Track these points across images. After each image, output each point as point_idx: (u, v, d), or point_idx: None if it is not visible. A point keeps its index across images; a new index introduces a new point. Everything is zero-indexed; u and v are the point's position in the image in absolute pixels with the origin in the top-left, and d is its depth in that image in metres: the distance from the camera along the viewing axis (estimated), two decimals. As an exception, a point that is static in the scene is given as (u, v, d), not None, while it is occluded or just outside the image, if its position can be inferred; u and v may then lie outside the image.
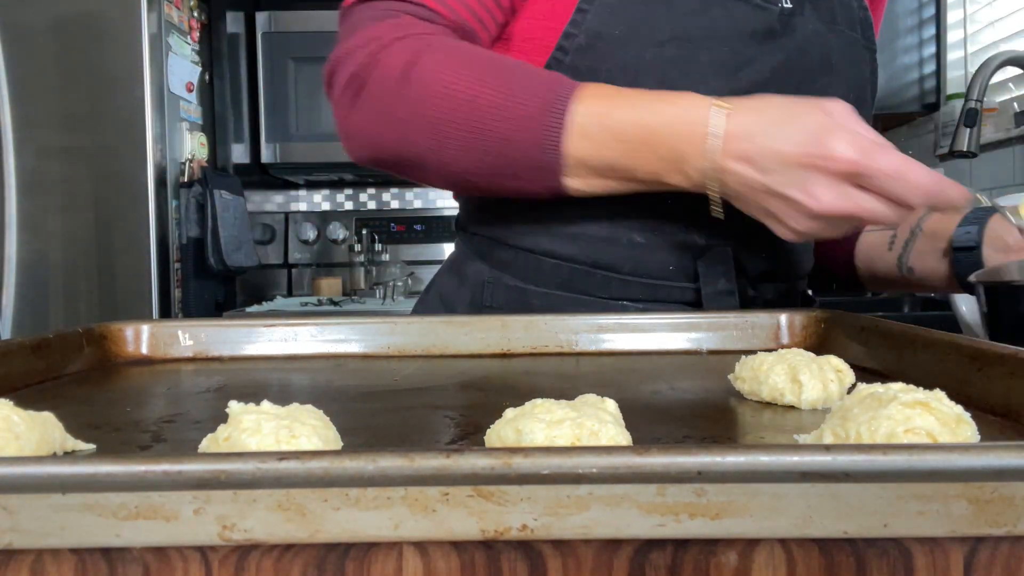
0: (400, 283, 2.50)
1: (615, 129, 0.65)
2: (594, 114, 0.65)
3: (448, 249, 2.71)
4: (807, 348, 0.65)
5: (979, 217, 0.80)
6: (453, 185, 0.76)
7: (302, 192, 2.85)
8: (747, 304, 0.79)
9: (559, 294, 0.79)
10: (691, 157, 0.64)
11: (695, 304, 0.79)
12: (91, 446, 0.40)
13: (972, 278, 0.72)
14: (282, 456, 0.27)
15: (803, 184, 0.60)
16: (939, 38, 2.19)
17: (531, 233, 0.79)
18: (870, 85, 0.85)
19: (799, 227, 0.63)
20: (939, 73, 2.19)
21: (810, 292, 0.94)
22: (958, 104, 1.83)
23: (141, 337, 0.69)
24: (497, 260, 0.82)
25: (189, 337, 0.69)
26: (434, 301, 0.88)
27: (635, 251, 0.78)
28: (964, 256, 0.79)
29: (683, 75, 0.73)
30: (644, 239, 0.78)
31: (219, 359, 0.68)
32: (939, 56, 2.20)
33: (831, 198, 0.60)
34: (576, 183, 0.68)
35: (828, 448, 0.27)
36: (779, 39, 0.76)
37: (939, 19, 2.19)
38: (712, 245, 0.78)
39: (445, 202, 2.81)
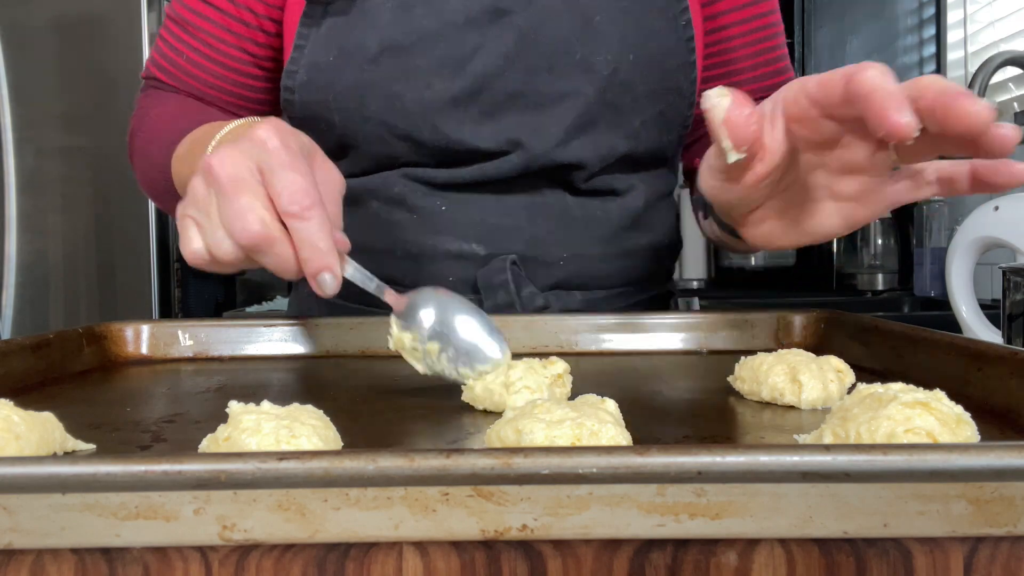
0: (400, 283, 2.50)
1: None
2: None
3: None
4: (807, 348, 0.65)
5: None
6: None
7: (302, 192, 2.85)
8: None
9: (347, 304, 0.77)
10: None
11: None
12: (91, 446, 0.40)
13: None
14: (282, 456, 0.27)
15: None
16: (939, 38, 2.19)
17: None
18: (674, 41, 0.75)
19: None
20: (939, 73, 2.19)
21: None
22: (958, 104, 1.82)
23: (141, 337, 0.69)
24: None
25: (189, 337, 0.69)
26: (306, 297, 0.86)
27: (413, 263, 0.76)
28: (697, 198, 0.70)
29: (406, 85, 0.71)
30: (419, 250, 0.75)
31: (219, 359, 0.68)
32: (939, 56, 2.20)
33: None
34: None
35: (828, 448, 0.27)
36: (508, 16, 0.71)
37: (939, 19, 2.19)
38: (493, 255, 0.75)
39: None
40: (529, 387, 0.47)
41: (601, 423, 0.35)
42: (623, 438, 0.35)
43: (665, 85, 0.76)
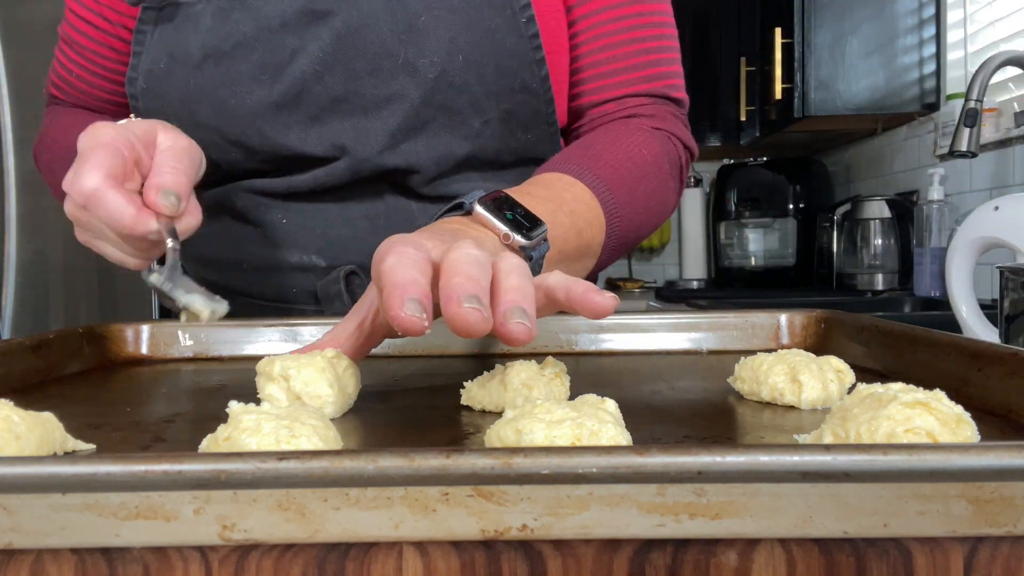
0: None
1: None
2: None
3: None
4: (807, 348, 0.65)
5: None
6: None
7: (302, 192, 2.85)
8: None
9: None
10: None
11: None
12: (91, 446, 0.40)
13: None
14: (282, 456, 0.27)
15: None
16: (939, 38, 2.19)
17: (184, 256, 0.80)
18: (514, 39, 0.72)
19: None
20: (939, 73, 2.19)
21: None
22: (958, 104, 1.83)
23: (141, 337, 0.69)
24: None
25: (189, 337, 0.69)
26: None
27: (258, 276, 0.76)
28: None
29: (229, 92, 0.71)
30: (263, 263, 0.76)
31: (219, 359, 0.68)
32: (939, 56, 2.20)
33: None
34: None
35: (828, 448, 0.27)
36: (326, 19, 0.70)
37: (939, 19, 2.19)
38: (333, 266, 0.75)
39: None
40: (527, 385, 0.47)
41: (601, 423, 0.35)
42: (623, 438, 0.35)
43: (508, 85, 0.73)
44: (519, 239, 0.53)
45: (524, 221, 0.54)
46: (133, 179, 0.58)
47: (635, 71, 0.77)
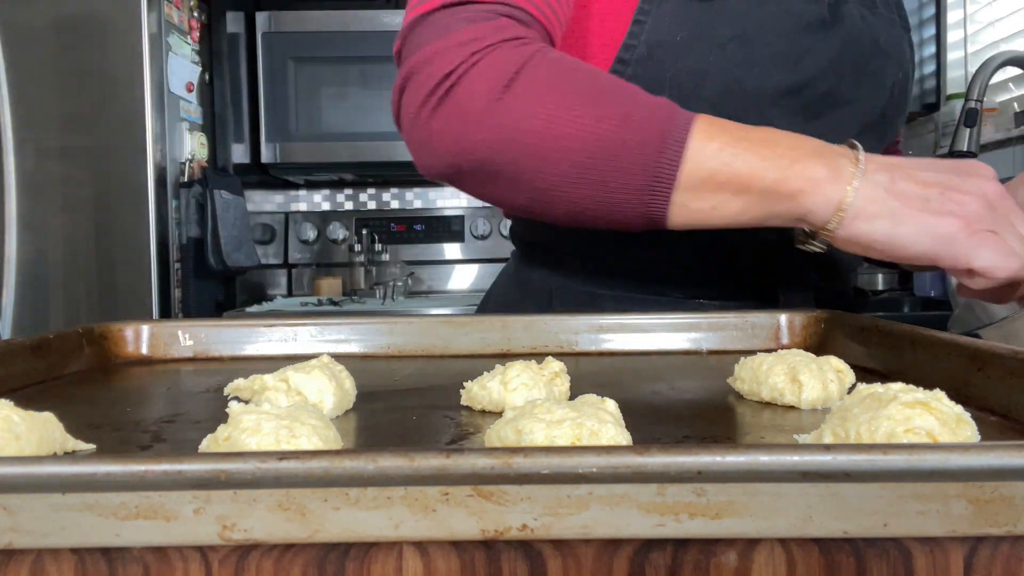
0: (400, 283, 2.50)
1: (734, 182, 0.60)
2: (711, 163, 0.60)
3: (448, 249, 2.71)
4: (807, 348, 0.65)
5: None
6: (532, 210, 0.66)
7: (302, 192, 2.85)
8: (825, 298, 0.80)
9: (633, 296, 0.78)
10: (815, 217, 0.60)
11: (773, 300, 0.79)
12: (91, 446, 0.40)
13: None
14: (282, 456, 0.27)
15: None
16: (939, 38, 2.19)
17: (598, 241, 0.76)
18: (911, 63, 0.86)
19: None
20: (939, 73, 2.19)
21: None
22: (958, 104, 1.83)
23: (141, 337, 0.69)
24: (564, 267, 0.81)
25: (189, 337, 0.69)
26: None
27: (707, 248, 0.77)
28: None
29: (747, 73, 0.73)
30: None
31: (219, 359, 0.68)
32: (939, 56, 2.19)
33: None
34: (679, 220, 0.62)
35: (828, 448, 0.27)
36: (831, 28, 0.77)
37: (939, 19, 2.19)
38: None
39: (445, 202, 2.80)
40: (526, 384, 0.47)
41: (601, 423, 0.35)
42: (623, 438, 0.35)
43: (907, 91, 0.87)
44: None
45: None
46: None
47: None
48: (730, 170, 0.59)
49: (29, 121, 1.94)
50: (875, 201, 0.58)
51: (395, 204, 2.85)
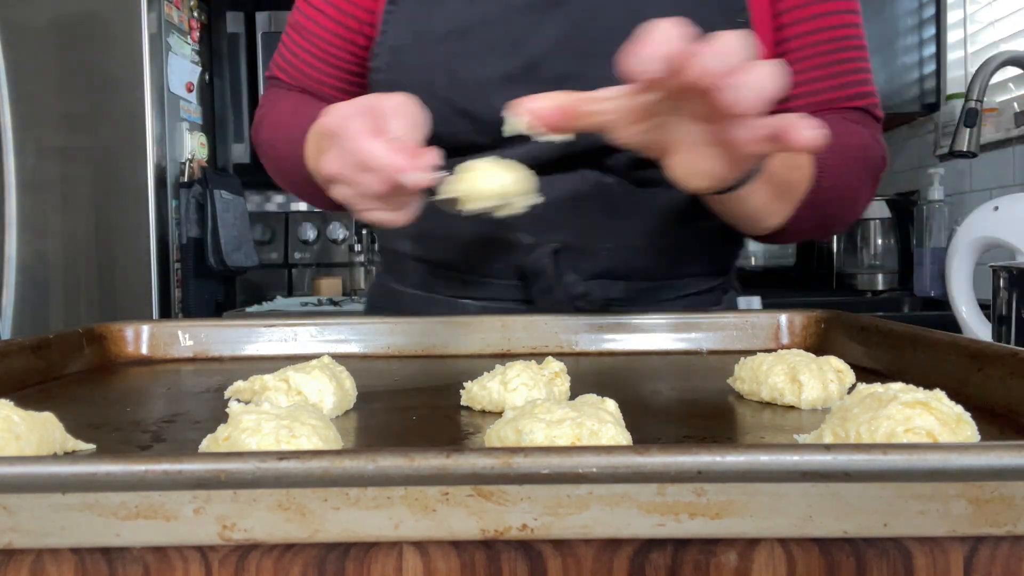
0: (400, 283, 2.50)
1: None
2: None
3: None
4: (807, 348, 0.65)
5: None
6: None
7: (302, 192, 2.85)
8: (590, 303, 0.78)
9: (417, 293, 0.84)
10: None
11: (528, 302, 0.79)
12: (91, 446, 0.40)
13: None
14: (282, 456, 0.27)
15: None
16: (939, 38, 2.19)
17: (395, 235, 0.85)
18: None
19: None
20: (939, 73, 2.19)
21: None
22: (958, 104, 1.83)
23: (141, 337, 0.69)
24: (382, 264, 0.93)
25: (189, 337, 0.69)
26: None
27: (466, 249, 0.80)
28: None
29: (464, 64, 0.77)
30: (472, 237, 0.79)
31: (219, 359, 0.68)
32: (939, 56, 2.19)
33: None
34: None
35: (828, 448, 0.27)
36: (556, 8, 0.76)
37: (939, 19, 2.19)
38: (538, 244, 0.78)
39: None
40: (526, 384, 0.47)
41: (601, 423, 0.35)
42: (623, 438, 0.35)
43: None
44: None
45: None
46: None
47: (842, 89, 0.82)
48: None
49: (29, 121, 1.94)
50: None
51: (395, 204, 2.84)
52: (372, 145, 0.57)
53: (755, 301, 0.92)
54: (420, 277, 0.84)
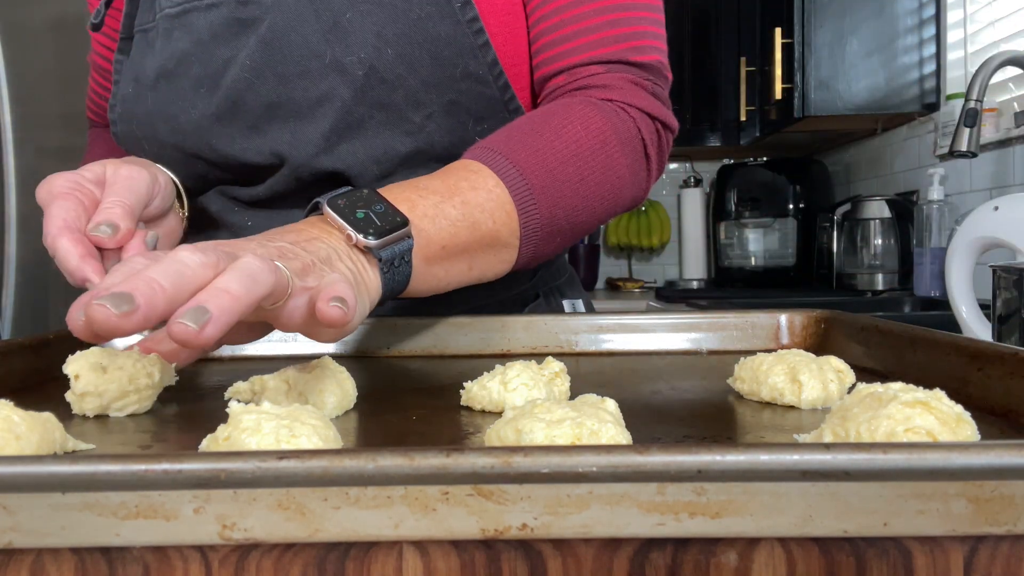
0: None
1: None
2: None
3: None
4: (807, 349, 0.65)
5: None
6: None
7: (302, 192, 2.85)
8: None
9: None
10: None
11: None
12: (91, 446, 0.40)
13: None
14: (282, 455, 0.27)
15: None
16: (939, 38, 2.19)
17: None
18: (450, 26, 0.69)
19: None
20: (939, 73, 2.19)
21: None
22: (958, 104, 1.83)
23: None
24: None
25: (189, 337, 0.69)
26: None
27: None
28: None
29: (178, 108, 0.72)
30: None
31: (219, 359, 0.68)
32: (939, 56, 2.20)
33: None
34: None
35: (828, 447, 0.27)
36: (254, 26, 0.70)
37: (939, 19, 2.19)
38: None
39: None
40: (526, 384, 0.47)
41: (601, 423, 0.35)
42: (623, 438, 0.35)
43: (448, 74, 0.70)
44: (363, 240, 0.50)
45: (377, 220, 0.52)
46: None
47: (586, 35, 0.72)
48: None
49: (29, 121, 1.94)
50: None
51: (395, 204, 2.85)
52: (60, 242, 0.57)
53: (579, 304, 0.85)
54: None
